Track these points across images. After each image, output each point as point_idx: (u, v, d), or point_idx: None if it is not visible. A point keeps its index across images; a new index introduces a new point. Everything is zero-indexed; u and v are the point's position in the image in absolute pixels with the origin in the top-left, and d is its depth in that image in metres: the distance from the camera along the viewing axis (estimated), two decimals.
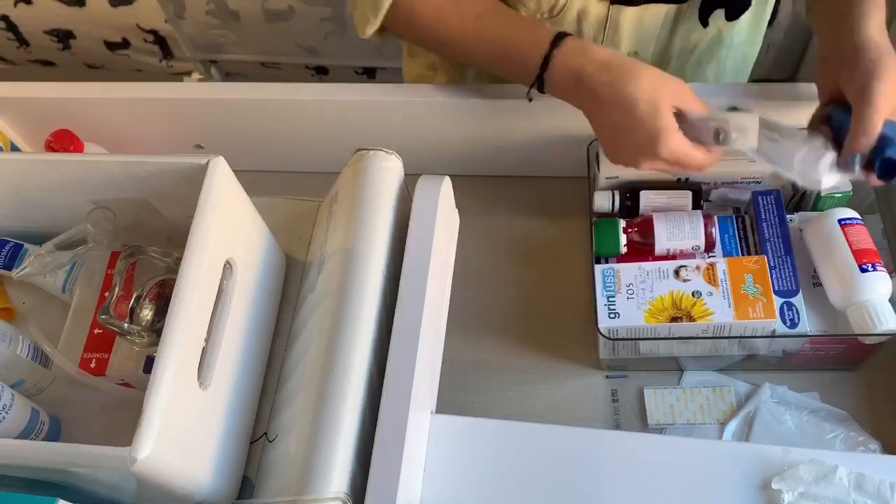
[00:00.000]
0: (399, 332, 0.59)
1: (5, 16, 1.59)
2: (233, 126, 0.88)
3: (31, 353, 0.64)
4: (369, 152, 0.67)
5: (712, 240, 0.73)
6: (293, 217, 0.73)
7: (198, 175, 0.56)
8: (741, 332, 0.69)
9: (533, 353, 0.79)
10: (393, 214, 0.65)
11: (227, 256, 0.57)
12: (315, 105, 0.84)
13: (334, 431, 0.55)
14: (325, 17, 1.46)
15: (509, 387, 0.77)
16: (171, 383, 0.48)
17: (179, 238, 0.54)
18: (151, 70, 1.71)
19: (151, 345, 0.60)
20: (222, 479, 0.55)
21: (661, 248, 0.74)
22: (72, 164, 0.61)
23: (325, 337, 0.59)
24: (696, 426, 0.72)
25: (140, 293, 0.60)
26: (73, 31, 1.61)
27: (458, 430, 0.62)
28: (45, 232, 0.67)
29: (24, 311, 0.73)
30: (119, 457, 0.45)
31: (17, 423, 0.59)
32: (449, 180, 0.67)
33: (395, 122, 0.84)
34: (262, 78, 1.68)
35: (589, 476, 0.58)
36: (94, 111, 0.87)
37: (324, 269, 0.64)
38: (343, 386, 0.56)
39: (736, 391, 0.73)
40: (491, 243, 0.86)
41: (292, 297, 0.68)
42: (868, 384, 0.74)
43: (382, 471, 0.53)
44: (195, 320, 0.52)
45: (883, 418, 0.72)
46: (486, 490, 0.59)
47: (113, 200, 0.63)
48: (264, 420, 0.62)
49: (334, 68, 1.63)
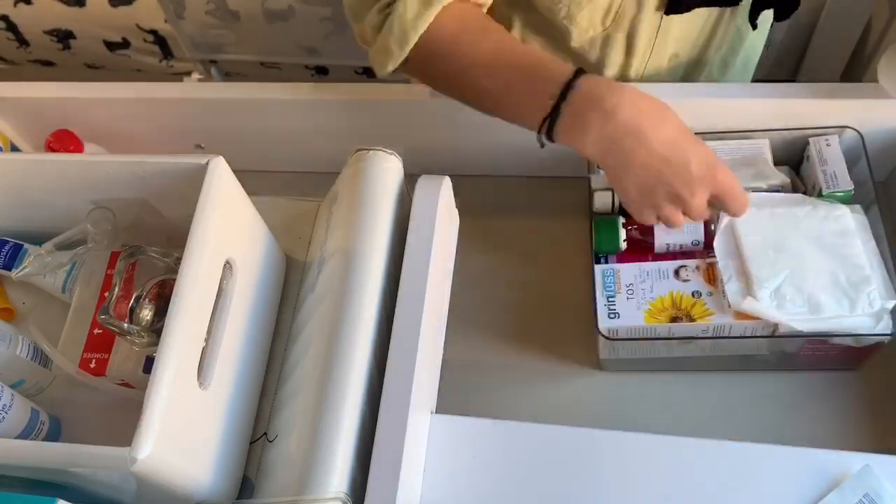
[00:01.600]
0: (399, 332, 0.59)
1: (5, 16, 1.59)
2: (233, 126, 0.88)
3: (30, 353, 0.64)
4: (369, 152, 0.67)
5: (712, 236, 0.73)
6: (293, 217, 0.73)
7: (198, 175, 0.56)
8: (741, 332, 0.69)
9: (533, 353, 0.79)
10: (393, 214, 0.65)
11: (227, 256, 0.57)
12: (315, 105, 0.84)
13: (334, 431, 0.55)
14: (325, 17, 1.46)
15: (509, 387, 0.77)
16: (171, 383, 0.48)
17: (179, 238, 0.54)
18: (151, 70, 1.71)
19: (151, 345, 0.60)
20: (222, 479, 0.55)
21: (660, 242, 0.73)
22: (72, 164, 0.61)
23: (325, 337, 0.59)
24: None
25: (140, 293, 0.60)
26: (73, 31, 1.61)
27: (458, 430, 0.62)
28: (45, 232, 0.67)
29: (24, 311, 0.73)
30: (119, 457, 0.45)
31: (17, 423, 0.59)
32: (449, 180, 0.67)
33: (395, 122, 0.84)
34: (262, 78, 1.68)
35: (589, 476, 0.58)
36: (94, 111, 0.87)
37: (324, 269, 0.64)
38: (343, 386, 0.56)
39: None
40: (491, 243, 0.86)
41: (292, 297, 0.68)
42: (868, 384, 0.74)
43: (382, 471, 0.53)
44: (195, 320, 0.52)
45: (883, 418, 0.72)
46: (485, 490, 0.59)
47: (113, 200, 0.63)
48: (264, 420, 0.62)
49: (334, 68, 1.63)
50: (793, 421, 0.73)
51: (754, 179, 0.74)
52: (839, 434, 0.72)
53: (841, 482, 0.56)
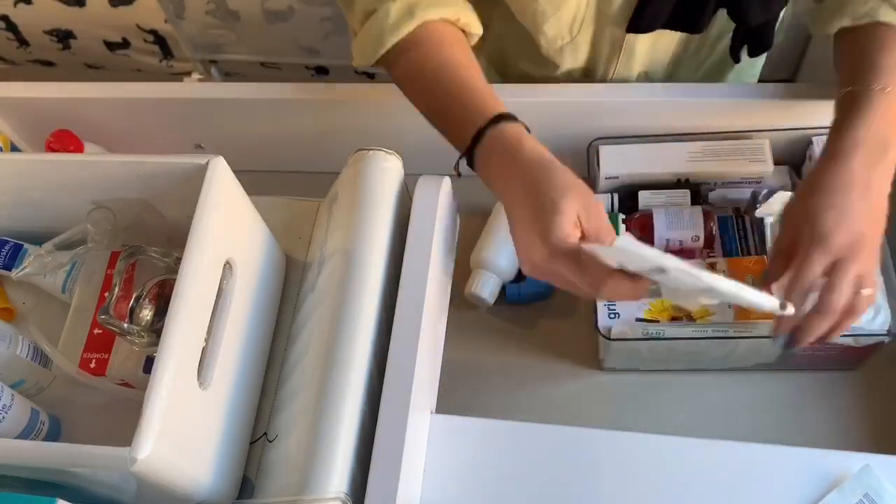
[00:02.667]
0: (399, 332, 0.59)
1: (5, 16, 1.59)
2: (233, 126, 0.88)
3: (31, 353, 0.64)
4: (369, 152, 0.67)
5: (713, 234, 0.73)
6: (293, 217, 0.73)
7: (198, 175, 0.56)
8: (741, 332, 0.69)
9: (533, 353, 0.79)
10: (393, 214, 0.65)
11: (227, 256, 0.57)
12: (315, 105, 0.84)
13: (334, 431, 0.55)
14: (325, 17, 1.46)
15: (509, 387, 0.77)
16: (171, 383, 0.48)
17: (179, 238, 0.54)
18: (151, 70, 1.71)
19: (151, 345, 0.60)
20: (222, 479, 0.55)
21: (660, 237, 0.73)
22: (72, 164, 0.61)
23: (325, 337, 0.59)
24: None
25: (140, 293, 0.60)
26: (73, 31, 1.61)
27: (458, 430, 0.62)
28: (45, 232, 0.67)
29: (24, 311, 0.73)
30: (119, 457, 0.45)
31: (17, 423, 0.59)
32: (449, 180, 0.67)
33: (395, 122, 0.84)
34: (262, 78, 1.68)
35: (589, 476, 0.58)
36: (94, 111, 0.87)
37: (324, 269, 0.64)
38: (343, 386, 0.56)
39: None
40: None
41: (292, 297, 0.68)
42: (868, 384, 0.74)
43: (382, 471, 0.53)
44: (195, 320, 0.52)
45: (883, 418, 0.72)
46: (485, 490, 0.59)
47: (113, 200, 0.63)
48: (264, 420, 0.62)
49: (334, 68, 1.63)
50: (793, 421, 0.73)
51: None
52: (839, 434, 0.72)
53: (841, 482, 0.56)
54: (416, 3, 0.66)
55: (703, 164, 0.77)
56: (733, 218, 0.75)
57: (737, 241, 0.74)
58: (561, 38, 0.76)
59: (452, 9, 0.68)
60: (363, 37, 0.69)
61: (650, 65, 0.80)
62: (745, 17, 0.70)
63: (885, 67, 0.61)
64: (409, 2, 0.66)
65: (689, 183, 0.78)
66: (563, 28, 0.74)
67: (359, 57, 0.70)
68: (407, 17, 0.66)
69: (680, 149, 0.78)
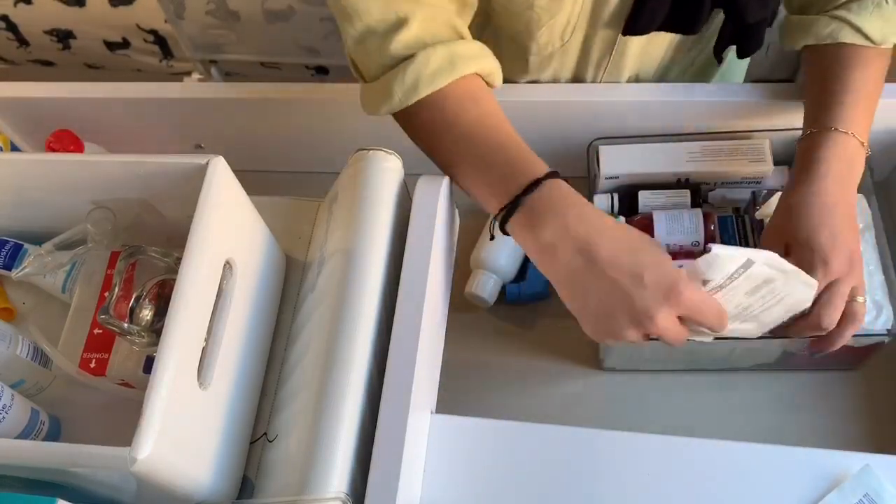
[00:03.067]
0: (399, 332, 0.59)
1: (5, 16, 1.59)
2: (233, 126, 0.88)
3: (30, 353, 0.64)
4: (369, 152, 0.67)
5: (713, 236, 0.73)
6: (293, 217, 0.73)
7: (198, 175, 0.56)
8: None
9: (533, 353, 0.79)
10: (393, 214, 0.65)
11: (227, 256, 0.57)
12: (315, 105, 0.84)
13: (334, 431, 0.55)
14: (325, 17, 1.46)
15: (509, 387, 0.78)
16: (171, 383, 0.48)
17: (179, 238, 0.54)
18: (151, 70, 1.71)
19: (151, 345, 0.60)
20: (222, 479, 0.55)
21: (659, 240, 0.73)
22: (72, 164, 0.61)
23: (325, 337, 0.59)
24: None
25: (140, 293, 0.60)
26: (73, 31, 1.61)
27: (458, 430, 0.62)
28: (45, 232, 0.67)
29: (24, 311, 0.73)
30: (119, 457, 0.45)
31: (17, 423, 0.59)
32: (449, 180, 0.67)
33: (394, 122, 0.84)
34: (262, 78, 1.68)
35: (589, 476, 0.58)
36: (94, 111, 0.87)
37: (324, 269, 0.64)
38: (343, 386, 0.56)
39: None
40: None
41: (292, 297, 0.68)
42: (868, 384, 0.74)
43: (382, 471, 0.53)
44: (195, 320, 0.52)
45: (883, 418, 0.72)
46: (485, 490, 0.59)
47: (113, 200, 0.63)
48: (264, 420, 0.62)
49: (334, 68, 1.63)
50: (793, 421, 0.73)
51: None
52: (839, 434, 0.72)
53: (841, 482, 0.56)
54: (457, 54, 0.62)
55: (702, 164, 0.77)
56: (733, 218, 0.75)
57: (737, 242, 0.74)
58: (552, 44, 0.75)
59: (487, 61, 0.65)
60: (388, 81, 0.63)
61: (640, 68, 0.80)
62: (742, 16, 0.70)
63: (848, 92, 0.67)
64: (452, 52, 0.62)
65: (689, 183, 0.78)
66: (555, 35, 0.74)
67: (375, 102, 0.65)
68: (448, 68, 0.62)
69: (680, 149, 0.78)
